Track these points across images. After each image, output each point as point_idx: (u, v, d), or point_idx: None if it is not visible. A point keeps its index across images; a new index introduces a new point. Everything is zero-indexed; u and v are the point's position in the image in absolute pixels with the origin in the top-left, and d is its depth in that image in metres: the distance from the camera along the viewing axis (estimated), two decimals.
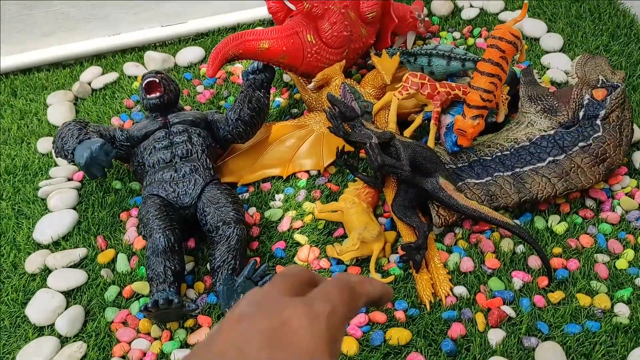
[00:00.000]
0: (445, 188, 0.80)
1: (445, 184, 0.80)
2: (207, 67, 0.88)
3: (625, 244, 0.81)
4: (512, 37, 0.83)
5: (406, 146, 0.81)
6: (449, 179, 0.81)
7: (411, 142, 0.82)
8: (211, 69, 0.87)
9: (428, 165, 0.81)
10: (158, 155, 0.88)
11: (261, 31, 0.91)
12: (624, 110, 0.87)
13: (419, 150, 0.81)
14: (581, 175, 0.82)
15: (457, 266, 0.81)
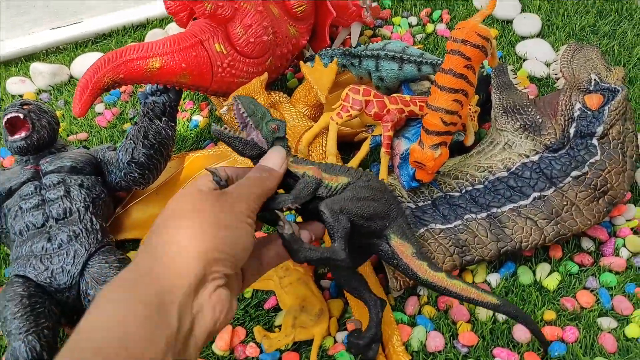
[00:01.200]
0: (400, 253, 0.57)
1: (399, 246, 0.57)
2: (73, 103, 0.66)
3: (636, 301, 0.63)
4: (479, 39, 0.62)
5: (336, 212, 0.52)
6: (405, 235, 0.57)
7: (343, 197, 0.54)
8: (79, 106, 0.65)
9: (373, 225, 0.56)
10: (26, 219, 0.67)
11: (149, 45, 0.69)
12: (626, 121, 0.68)
13: (356, 208, 0.54)
14: (576, 216, 0.63)
15: (422, 345, 0.62)
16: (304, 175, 0.53)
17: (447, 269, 0.64)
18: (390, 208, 0.57)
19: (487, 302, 0.57)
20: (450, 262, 0.64)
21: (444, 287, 0.56)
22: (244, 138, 0.53)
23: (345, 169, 0.56)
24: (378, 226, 0.56)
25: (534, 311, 0.63)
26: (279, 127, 0.54)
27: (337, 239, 0.52)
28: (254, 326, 0.65)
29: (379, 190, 0.56)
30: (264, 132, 0.53)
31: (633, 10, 0.92)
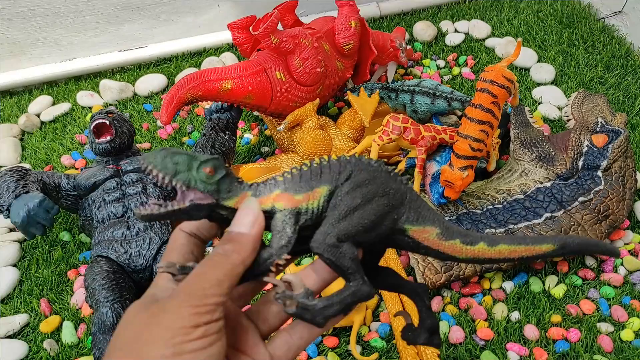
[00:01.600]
0: (425, 241, 0.45)
1: (421, 233, 0.44)
2: (160, 113, 0.78)
3: (631, 310, 0.73)
4: (504, 81, 0.74)
5: (334, 246, 0.40)
6: (421, 217, 0.44)
7: (334, 219, 0.41)
8: (165, 116, 0.77)
9: (383, 228, 0.43)
10: (108, 209, 0.78)
11: (223, 69, 0.81)
12: (627, 159, 0.79)
13: (356, 224, 0.41)
14: (582, 234, 0.74)
15: (445, 337, 0.72)
16: (274, 212, 0.41)
17: (469, 274, 0.74)
18: (392, 195, 0.43)
19: (542, 253, 0.46)
20: (472, 268, 0.74)
21: (489, 258, 0.46)
22: (181, 207, 0.39)
23: (316, 171, 0.42)
24: (388, 225, 0.43)
25: (543, 315, 0.73)
26: (215, 167, 0.40)
27: (351, 275, 0.41)
28: None
29: (369, 180, 0.42)
30: (200, 184, 0.39)
31: (637, 66, 1.04)
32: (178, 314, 0.35)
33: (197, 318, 0.35)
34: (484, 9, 1.24)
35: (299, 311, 0.39)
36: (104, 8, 1.10)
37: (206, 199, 0.39)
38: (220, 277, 0.37)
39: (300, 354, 0.71)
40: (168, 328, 0.34)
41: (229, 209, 0.41)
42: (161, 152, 0.38)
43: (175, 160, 0.38)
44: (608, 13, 1.14)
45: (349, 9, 0.91)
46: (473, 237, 0.45)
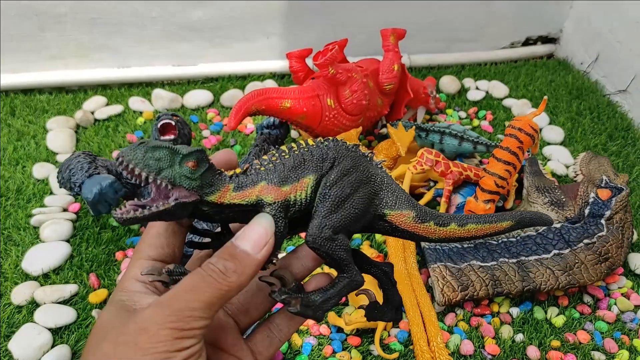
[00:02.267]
0: (401, 224, 0.45)
1: (398, 217, 0.45)
2: (229, 119, 0.88)
3: (621, 344, 0.82)
4: (531, 130, 0.86)
5: (329, 239, 0.40)
6: (398, 200, 0.45)
7: (325, 210, 0.40)
8: (233, 122, 0.87)
9: (368, 216, 0.44)
10: None
11: (285, 90, 0.92)
12: (626, 212, 0.90)
13: (347, 215, 0.41)
14: (584, 272, 0.84)
15: (457, 348, 0.80)
16: (262, 206, 0.39)
17: (482, 295, 0.83)
18: (373, 180, 0.44)
19: (503, 229, 0.49)
20: (485, 290, 0.84)
21: (459, 236, 0.48)
22: (166, 208, 0.35)
23: (299, 159, 0.40)
24: (372, 212, 0.44)
25: (544, 339, 0.82)
26: (198, 160, 0.37)
27: (345, 267, 0.41)
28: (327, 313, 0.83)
29: (353, 167, 0.42)
30: (184, 181, 0.36)
31: (636, 139, 1.17)
32: (158, 336, 0.32)
33: (180, 343, 0.32)
34: (502, 72, 1.37)
35: (302, 310, 0.39)
36: (166, 26, 1.21)
37: (191, 196, 0.36)
38: (212, 299, 0.33)
39: (325, 347, 0.79)
40: (146, 351, 0.31)
41: (211, 204, 0.38)
42: (140, 147, 0.35)
43: (157, 156, 0.35)
44: (613, 90, 1.28)
45: (394, 54, 1.03)
46: (445, 218, 0.46)
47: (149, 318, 0.32)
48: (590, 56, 1.36)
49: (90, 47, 1.21)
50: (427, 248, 0.88)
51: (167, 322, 0.32)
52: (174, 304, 0.33)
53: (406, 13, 1.30)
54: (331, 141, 0.42)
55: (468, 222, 0.47)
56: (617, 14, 1.25)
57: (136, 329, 0.32)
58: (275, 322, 0.41)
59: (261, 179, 0.39)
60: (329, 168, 0.41)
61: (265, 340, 0.41)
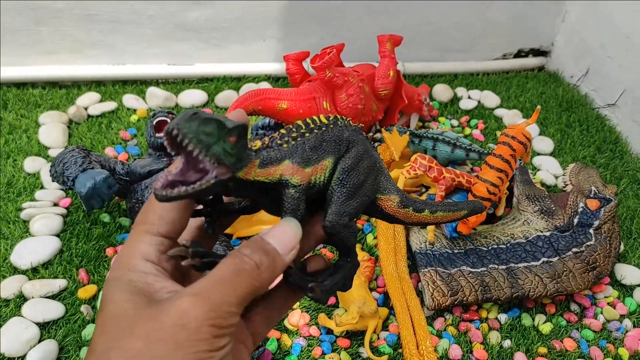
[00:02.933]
0: (387, 208, 0.45)
1: (386, 201, 0.45)
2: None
3: (606, 352, 0.83)
4: (523, 138, 0.87)
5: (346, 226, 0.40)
6: (387, 186, 0.45)
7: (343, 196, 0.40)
8: None
9: (371, 198, 0.43)
10: None
11: (282, 91, 0.93)
12: (614, 223, 0.91)
13: (361, 200, 0.41)
14: (572, 280, 0.85)
15: (445, 352, 0.81)
16: (283, 184, 0.37)
17: (471, 301, 0.84)
18: (377, 166, 0.44)
19: (461, 217, 0.52)
20: (474, 296, 0.84)
21: (428, 222, 0.49)
22: (208, 186, 0.33)
23: (319, 139, 0.39)
24: (373, 196, 0.44)
25: (531, 345, 0.83)
26: (239, 135, 0.34)
27: (352, 251, 0.41)
28: (318, 314, 0.83)
29: (365, 153, 0.42)
30: (227, 158, 0.33)
31: (624, 152, 1.19)
32: (199, 334, 0.30)
33: (218, 341, 0.30)
34: (494, 82, 1.39)
35: (323, 295, 0.38)
36: (163, 24, 1.21)
37: (227, 173, 0.34)
38: (246, 295, 0.32)
39: (315, 349, 0.79)
40: (186, 350, 0.29)
41: (237, 180, 0.35)
42: (195, 119, 0.32)
43: (208, 130, 0.32)
44: (603, 104, 1.30)
45: (390, 60, 1.04)
46: (420, 204, 0.47)
47: (187, 312, 0.30)
48: (580, 70, 1.38)
49: (86, 43, 1.21)
50: (418, 253, 0.89)
51: (208, 319, 0.30)
52: (213, 297, 0.31)
53: (402, 21, 1.32)
54: (342, 120, 0.41)
55: (437, 210, 0.49)
56: (608, 29, 1.27)
57: (173, 325, 0.29)
58: (272, 302, 0.40)
59: (285, 157, 0.37)
60: (345, 151, 0.40)
61: (264, 323, 0.39)
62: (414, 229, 0.93)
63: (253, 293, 0.32)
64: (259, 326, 0.39)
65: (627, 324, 0.87)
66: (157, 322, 0.30)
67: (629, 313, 0.88)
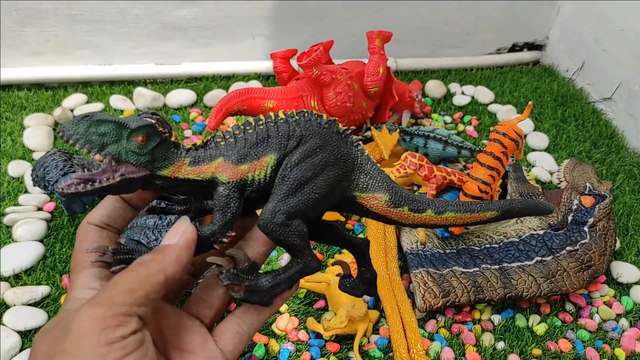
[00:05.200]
0: (373, 207, 0.43)
1: (370, 200, 0.42)
2: (209, 118, 0.86)
3: (602, 353, 0.81)
4: (515, 135, 0.85)
5: (283, 225, 0.37)
6: (370, 183, 0.42)
7: (282, 193, 0.38)
8: (214, 121, 0.85)
9: (333, 200, 0.41)
10: None
11: (268, 90, 0.91)
12: (609, 220, 0.89)
13: (307, 199, 0.38)
14: (566, 279, 0.83)
15: (437, 355, 0.79)
16: (215, 183, 0.37)
17: (464, 302, 0.82)
18: (343, 161, 0.41)
19: (486, 219, 0.47)
20: (466, 297, 0.82)
21: (435, 224, 0.45)
22: (110, 184, 0.34)
23: (262, 135, 0.38)
24: (338, 195, 0.41)
25: (525, 347, 0.81)
26: (148, 135, 0.35)
27: (299, 253, 0.39)
28: (306, 318, 0.81)
29: (320, 147, 0.39)
30: (131, 157, 0.34)
31: (620, 147, 1.17)
32: (81, 333, 0.30)
33: (109, 333, 0.30)
34: (488, 78, 1.37)
35: (247, 295, 0.37)
36: (150, 24, 1.19)
37: (139, 171, 0.35)
38: (131, 285, 0.32)
39: (304, 354, 0.77)
40: (76, 354, 0.30)
41: (165, 179, 0.36)
42: (84, 121, 0.33)
43: (101, 131, 0.33)
44: (598, 98, 1.28)
45: (379, 57, 1.02)
46: (421, 204, 0.44)
47: (72, 317, 0.31)
48: (575, 64, 1.36)
49: (71, 43, 1.19)
50: (409, 253, 0.87)
51: (90, 315, 0.31)
52: (95, 298, 0.32)
53: (394, 17, 1.30)
54: (302, 115, 0.39)
55: (446, 210, 0.44)
56: (603, 22, 1.25)
57: (62, 334, 0.31)
58: (242, 315, 0.39)
59: (219, 155, 0.37)
60: (294, 147, 0.38)
61: (235, 337, 0.39)
62: (404, 229, 0.91)
63: (144, 281, 0.33)
64: (229, 342, 0.38)
65: (624, 324, 0.85)
66: (52, 340, 0.31)
67: (626, 312, 0.86)
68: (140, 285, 0.32)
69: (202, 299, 0.40)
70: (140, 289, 0.32)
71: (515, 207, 0.47)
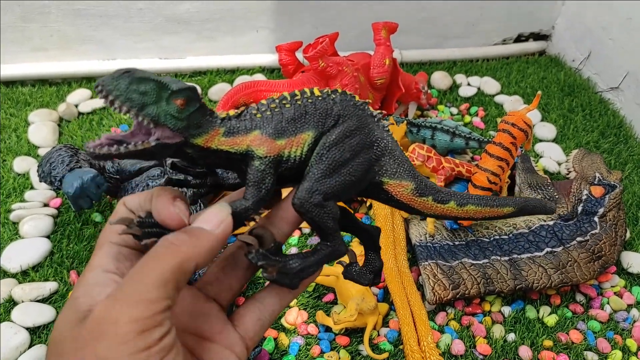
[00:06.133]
0: (398, 195, 0.42)
1: (396, 187, 0.41)
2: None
3: (614, 344, 0.81)
4: (524, 125, 0.84)
5: (318, 205, 0.36)
6: (398, 170, 0.41)
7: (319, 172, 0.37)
8: None
9: (364, 183, 0.40)
10: None
11: (274, 83, 0.90)
12: (619, 210, 0.89)
13: (343, 180, 0.37)
14: (577, 270, 0.83)
15: (448, 348, 0.79)
16: (250, 157, 0.35)
17: (474, 294, 0.82)
18: (376, 145, 0.40)
19: (503, 215, 0.48)
20: (476, 289, 0.82)
21: (456, 216, 0.46)
22: (145, 147, 0.32)
23: (300, 111, 0.37)
24: (369, 179, 0.40)
25: (536, 339, 0.81)
26: (188, 99, 0.33)
27: (330, 236, 0.38)
28: (316, 312, 0.81)
29: (357, 128, 0.38)
30: (169, 120, 0.32)
31: (628, 136, 1.16)
32: (120, 337, 0.27)
33: (145, 338, 0.27)
34: (494, 69, 1.36)
35: (279, 277, 0.35)
36: (153, 17, 1.18)
37: (175, 137, 0.33)
38: (165, 274, 0.29)
39: (313, 347, 0.77)
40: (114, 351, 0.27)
41: (196, 147, 0.34)
42: (125, 77, 0.31)
43: (143, 90, 0.31)
44: (605, 87, 1.27)
45: (385, 48, 1.01)
46: (444, 195, 0.44)
47: (103, 319, 0.27)
48: (582, 53, 1.35)
49: (75, 38, 1.18)
50: (418, 245, 0.86)
51: (123, 317, 0.27)
52: (124, 292, 0.28)
53: (399, 8, 1.29)
54: (339, 94, 0.38)
55: (468, 203, 0.45)
56: (609, 11, 1.23)
57: (92, 339, 0.27)
58: (264, 300, 0.37)
59: (255, 127, 0.36)
60: (332, 126, 0.37)
61: (257, 324, 0.37)
62: (413, 221, 0.90)
63: (178, 270, 0.29)
64: (250, 329, 0.36)
65: (635, 314, 0.84)
66: (79, 341, 0.28)
67: (637, 302, 0.86)
68: (173, 274, 0.29)
69: (220, 280, 0.38)
70: (172, 279, 0.29)
71: (529, 204, 0.48)
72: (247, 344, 0.36)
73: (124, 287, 0.29)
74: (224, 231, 0.32)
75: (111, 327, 0.27)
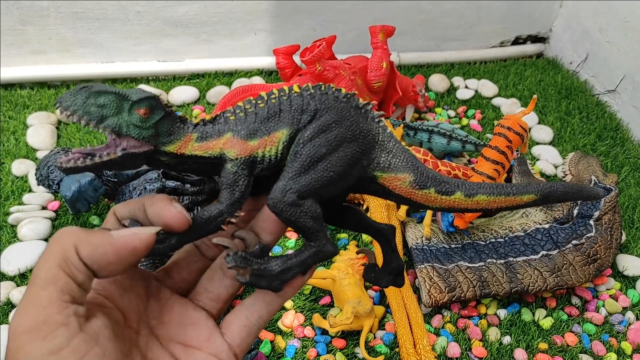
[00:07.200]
0: (396, 189, 0.40)
1: (392, 181, 0.39)
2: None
3: (609, 347, 0.81)
4: (520, 129, 0.85)
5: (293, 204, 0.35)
6: (393, 163, 0.39)
7: (293, 171, 0.35)
8: None
9: (350, 179, 0.38)
10: None
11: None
12: (615, 213, 0.89)
13: (320, 177, 0.36)
14: (572, 273, 0.83)
15: (444, 350, 0.79)
16: (223, 160, 0.35)
17: (470, 297, 0.82)
18: (362, 138, 0.37)
19: (523, 204, 0.42)
20: (472, 292, 0.82)
21: (465, 207, 0.41)
22: (111, 158, 0.33)
23: (274, 109, 0.36)
24: (356, 175, 0.38)
25: (532, 341, 0.81)
26: (151, 108, 0.33)
27: (312, 235, 0.36)
28: (312, 315, 0.81)
29: (336, 122, 0.36)
30: (133, 130, 0.33)
31: (625, 139, 1.16)
32: (23, 354, 0.27)
33: (48, 344, 0.27)
34: (492, 71, 1.36)
35: (253, 279, 0.34)
36: (151, 20, 1.19)
37: (142, 146, 0.33)
38: (51, 271, 0.28)
39: (310, 350, 0.77)
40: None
41: (170, 155, 0.34)
42: (82, 92, 0.32)
43: (101, 102, 0.32)
44: (602, 90, 1.28)
45: (383, 51, 1.02)
46: (449, 185, 0.41)
47: (11, 333, 0.28)
48: (579, 56, 1.35)
49: (73, 41, 1.19)
50: (414, 248, 0.87)
51: (20, 328, 0.28)
52: (22, 302, 0.28)
53: (396, 11, 1.29)
54: (318, 89, 0.37)
55: (477, 193, 0.41)
56: (607, 13, 1.24)
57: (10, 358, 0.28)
58: (251, 306, 0.37)
59: (228, 130, 0.35)
60: (308, 122, 0.36)
61: (243, 331, 0.36)
62: (409, 224, 0.90)
63: (60, 264, 0.28)
64: (236, 336, 0.37)
65: (630, 317, 0.84)
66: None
67: (632, 305, 0.86)
68: (59, 268, 0.28)
69: (208, 290, 0.38)
70: (61, 274, 0.28)
71: (557, 190, 0.42)
72: (235, 350, 0.36)
73: (22, 299, 0.28)
74: (126, 239, 0.31)
75: (14, 343, 0.27)
